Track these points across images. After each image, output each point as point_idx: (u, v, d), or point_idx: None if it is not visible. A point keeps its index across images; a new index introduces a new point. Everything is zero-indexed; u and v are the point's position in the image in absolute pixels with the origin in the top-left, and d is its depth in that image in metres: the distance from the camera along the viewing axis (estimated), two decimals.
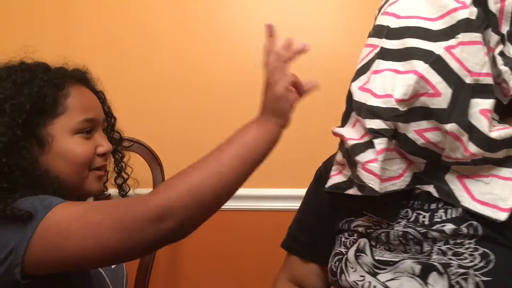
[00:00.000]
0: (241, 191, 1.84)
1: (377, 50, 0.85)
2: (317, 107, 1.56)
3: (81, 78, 0.97)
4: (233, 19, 1.74)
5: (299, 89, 0.85)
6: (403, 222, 0.84)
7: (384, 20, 0.86)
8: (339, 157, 0.92)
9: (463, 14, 0.77)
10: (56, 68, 0.96)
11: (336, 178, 0.92)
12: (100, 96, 1.02)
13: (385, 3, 0.90)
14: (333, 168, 0.94)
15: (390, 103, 0.79)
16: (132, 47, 1.76)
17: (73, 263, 0.76)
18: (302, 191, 1.09)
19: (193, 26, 1.75)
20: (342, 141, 0.90)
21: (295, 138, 1.47)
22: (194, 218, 0.75)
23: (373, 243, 0.86)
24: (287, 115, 0.83)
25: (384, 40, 0.84)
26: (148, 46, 1.75)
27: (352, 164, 0.84)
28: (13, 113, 0.85)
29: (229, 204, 1.70)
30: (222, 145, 0.80)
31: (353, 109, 0.86)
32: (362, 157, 0.81)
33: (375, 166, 0.79)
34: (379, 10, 0.91)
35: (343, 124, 0.91)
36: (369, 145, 0.81)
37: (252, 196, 1.69)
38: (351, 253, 0.89)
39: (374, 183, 0.79)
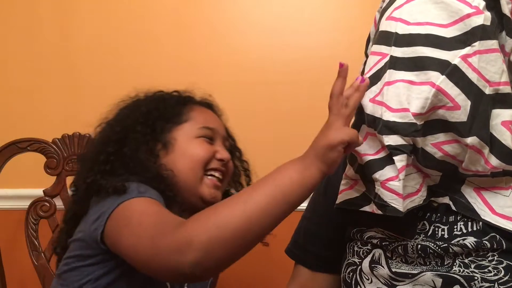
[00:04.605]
0: None
1: (387, 59, 0.79)
2: (317, 108, 1.53)
3: (207, 103, 1.11)
4: (232, 21, 1.72)
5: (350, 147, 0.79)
6: (421, 237, 0.82)
7: (391, 26, 0.80)
8: (350, 171, 0.88)
9: (478, 21, 0.73)
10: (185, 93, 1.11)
11: (347, 193, 0.88)
12: (226, 130, 1.11)
13: (387, 6, 0.84)
14: (343, 182, 0.91)
15: (408, 118, 0.75)
16: (133, 48, 1.71)
17: (121, 251, 0.82)
18: None
19: (192, 28, 1.71)
20: (352, 154, 0.86)
21: (295, 138, 1.44)
22: (215, 256, 0.71)
23: (389, 255, 0.84)
24: (334, 167, 0.76)
25: (393, 48, 0.78)
26: (148, 47, 1.71)
27: (368, 180, 0.81)
28: (133, 113, 1.02)
29: None
30: (257, 182, 0.76)
31: (364, 122, 0.82)
32: (380, 175, 0.77)
33: (397, 185, 0.75)
34: (381, 14, 0.85)
35: None
36: (388, 161, 0.77)
37: None
38: (366, 264, 0.86)
39: (397, 203, 0.76)
